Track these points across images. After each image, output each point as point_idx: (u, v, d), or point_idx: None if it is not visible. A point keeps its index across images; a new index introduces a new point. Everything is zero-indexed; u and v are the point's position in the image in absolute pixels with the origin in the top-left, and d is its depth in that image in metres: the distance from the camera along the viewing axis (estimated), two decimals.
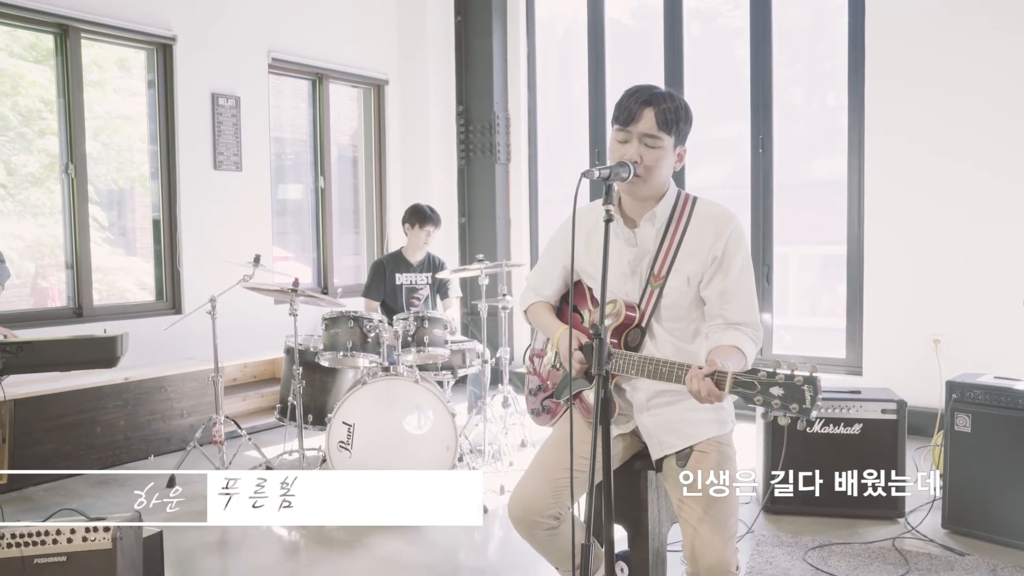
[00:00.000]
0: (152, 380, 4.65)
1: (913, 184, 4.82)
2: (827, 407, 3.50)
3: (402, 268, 4.54)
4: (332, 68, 6.16)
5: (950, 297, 4.71)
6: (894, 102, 4.85)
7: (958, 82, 4.63)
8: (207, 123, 5.32)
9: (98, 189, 4.97)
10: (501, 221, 6.62)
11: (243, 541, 3.42)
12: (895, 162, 4.88)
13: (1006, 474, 3.12)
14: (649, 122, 1.87)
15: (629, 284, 2.02)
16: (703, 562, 1.72)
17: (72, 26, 4.66)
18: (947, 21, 4.66)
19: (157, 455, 4.66)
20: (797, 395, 1.59)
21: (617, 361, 1.87)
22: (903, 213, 4.87)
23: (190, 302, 5.18)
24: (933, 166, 4.75)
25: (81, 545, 2.56)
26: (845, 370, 5.25)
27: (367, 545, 3.35)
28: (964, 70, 4.61)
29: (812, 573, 2.94)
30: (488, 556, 3.32)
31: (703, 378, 1.68)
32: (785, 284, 5.94)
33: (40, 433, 4.13)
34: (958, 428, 3.26)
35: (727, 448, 1.92)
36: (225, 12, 5.39)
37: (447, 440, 3.64)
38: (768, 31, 5.54)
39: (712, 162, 6.26)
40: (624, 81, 6.23)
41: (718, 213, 1.99)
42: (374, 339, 3.84)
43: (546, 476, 1.91)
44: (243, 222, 5.54)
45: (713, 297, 1.96)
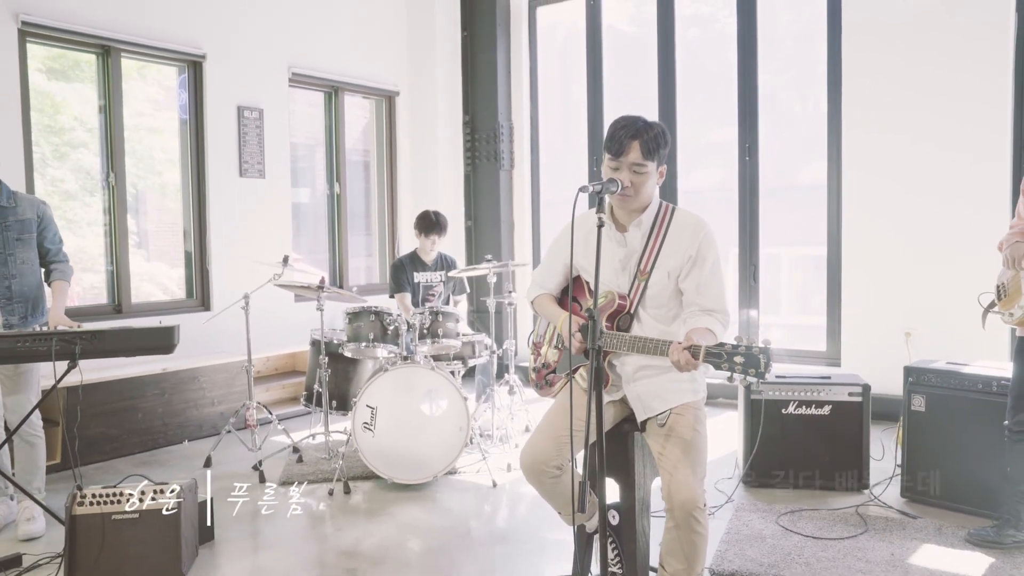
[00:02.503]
0: (187, 371, 5.07)
1: (886, 192, 5.23)
2: (800, 391, 3.92)
3: (419, 267, 4.97)
4: (347, 81, 6.58)
5: (920, 294, 5.12)
6: (870, 105, 5.24)
7: (932, 84, 5.02)
8: (233, 134, 5.74)
9: (132, 196, 5.38)
10: (505, 224, 7.04)
11: (276, 510, 3.83)
12: (870, 164, 5.28)
13: (955, 447, 3.54)
14: (636, 153, 2.28)
15: (620, 278, 2.43)
16: (678, 498, 2.13)
17: (113, 46, 5.08)
18: (917, 25, 5.07)
19: (191, 440, 5.08)
20: (754, 362, 2.01)
21: (611, 340, 2.28)
22: (877, 218, 5.28)
23: (218, 299, 5.60)
24: (906, 173, 5.17)
25: (151, 504, 2.98)
26: (825, 362, 5.67)
27: (390, 513, 3.77)
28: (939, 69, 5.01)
29: (783, 533, 3.35)
30: (496, 523, 3.72)
31: (682, 350, 2.09)
32: (777, 284, 6.32)
33: (88, 418, 4.53)
34: (914, 408, 3.68)
35: (699, 411, 2.34)
36: (250, 31, 5.81)
37: (460, 421, 4.05)
38: (753, 41, 5.94)
39: (707, 166, 6.58)
40: (622, 86, 6.67)
41: (693, 222, 2.40)
42: (393, 331, 4.26)
43: (551, 434, 2.33)
44: (265, 225, 5.96)
45: (690, 288, 2.37)
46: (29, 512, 3.49)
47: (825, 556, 3.10)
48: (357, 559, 3.23)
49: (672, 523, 2.17)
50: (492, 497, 4.00)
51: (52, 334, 3.12)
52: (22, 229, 3.50)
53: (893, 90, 5.16)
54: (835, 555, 3.11)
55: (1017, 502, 3.11)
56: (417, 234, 5.00)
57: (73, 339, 3.14)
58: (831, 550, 3.16)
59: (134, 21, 5.13)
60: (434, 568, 3.15)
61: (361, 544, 3.39)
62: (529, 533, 3.52)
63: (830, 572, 2.96)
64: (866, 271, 5.37)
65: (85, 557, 2.91)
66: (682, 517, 2.13)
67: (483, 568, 3.17)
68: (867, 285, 5.37)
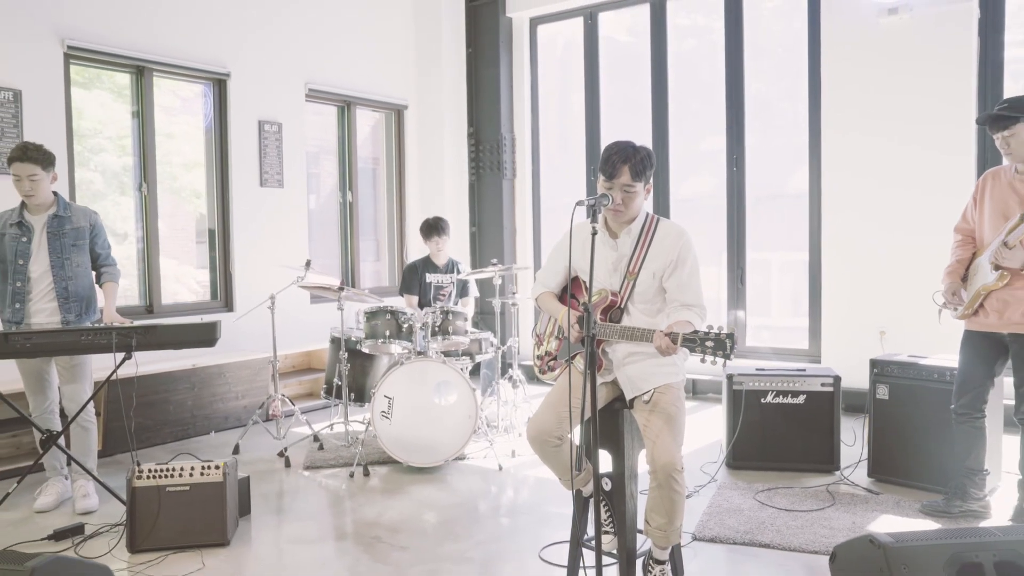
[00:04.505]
0: (214, 367, 5.47)
1: (862, 193, 5.66)
2: (777, 382, 4.33)
3: (430, 270, 5.39)
4: (358, 96, 7.00)
5: (894, 294, 5.53)
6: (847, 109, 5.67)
7: (903, 88, 5.46)
8: (254, 146, 6.16)
9: (162, 202, 5.78)
10: (507, 229, 7.46)
11: (303, 490, 4.23)
12: (848, 166, 5.70)
13: (915, 431, 3.94)
14: (626, 176, 2.69)
15: (612, 278, 2.83)
16: (659, 461, 2.52)
17: (146, 66, 5.50)
18: (887, 34, 5.50)
19: (217, 431, 5.48)
20: (721, 345, 2.41)
21: (604, 330, 2.69)
22: (855, 221, 5.70)
23: (241, 301, 6.00)
24: (883, 177, 5.59)
25: (200, 478, 3.38)
26: (808, 359, 6.08)
27: (406, 492, 4.17)
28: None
29: (759, 507, 3.75)
30: (502, 500, 4.12)
31: (663, 337, 2.50)
32: (768, 288, 6.69)
33: (126, 409, 4.93)
34: (879, 396, 4.08)
35: (679, 391, 2.74)
36: (270, 51, 6.23)
37: (469, 410, 4.46)
38: (740, 52, 6.35)
39: (701, 173, 6.93)
40: (618, 96, 7.07)
41: (675, 231, 2.81)
42: (407, 329, 4.66)
43: (553, 410, 2.73)
44: (284, 231, 6.36)
45: (672, 286, 2.77)
46: (84, 489, 3.89)
47: (795, 524, 3.50)
48: (379, 528, 3.63)
49: (655, 483, 2.57)
50: (498, 479, 4.40)
51: (111, 329, 3.53)
52: (77, 236, 3.90)
53: (868, 97, 5.58)
54: (804, 524, 3.51)
55: (963, 476, 3.52)
56: (423, 240, 5.43)
57: (130, 333, 3.55)
58: (800, 520, 3.56)
59: (165, 43, 5.55)
60: (448, 536, 3.55)
61: (382, 517, 3.79)
62: (532, 508, 3.92)
63: (798, 537, 3.36)
64: (844, 273, 5.78)
65: (144, 524, 3.31)
66: (663, 477, 2.54)
67: (491, 535, 3.57)
68: (845, 286, 5.79)
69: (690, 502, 3.74)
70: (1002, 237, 3.21)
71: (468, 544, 3.45)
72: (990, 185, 3.37)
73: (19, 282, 3.78)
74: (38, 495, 3.92)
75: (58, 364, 3.89)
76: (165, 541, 3.32)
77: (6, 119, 4.71)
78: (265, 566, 3.25)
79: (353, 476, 4.42)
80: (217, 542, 3.37)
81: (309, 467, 4.63)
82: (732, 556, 3.27)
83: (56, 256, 3.82)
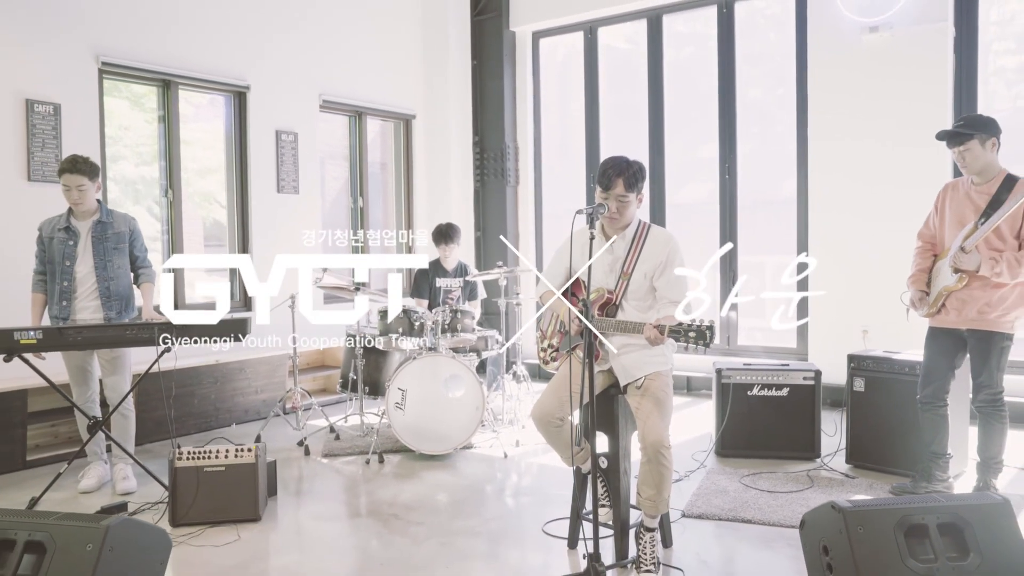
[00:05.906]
0: (235, 363, 5.81)
1: (845, 195, 6.00)
2: (763, 375, 4.67)
3: (440, 274, 5.73)
4: (369, 106, 7.36)
5: (876, 294, 5.84)
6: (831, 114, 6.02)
7: (884, 91, 5.80)
8: (271, 155, 6.51)
9: (187, 208, 6.14)
10: (511, 234, 7.80)
11: (323, 475, 4.57)
12: (833, 169, 6.05)
13: (888, 420, 4.28)
14: (620, 188, 3.04)
15: (608, 277, 3.18)
16: (649, 439, 2.86)
17: (172, 80, 5.85)
18: (869, 51, 5.85)
19: (238, 423, 5.82)
20: (703, 335, 2.76)
21: (601, 324, 3.03)
22: (839, 224, 6.05)
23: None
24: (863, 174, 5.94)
25: (234, 460, 3.72)
26: (796, 357, 6.41)
27: (419, 476, 4.51)
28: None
29: (743, 489, 4.09)
30: (507, 484, 4.46)
31: (653, 328, 2.84)
32: (763, 289, 6.98)
33: (155, 402, 5.24)
34: (856, 389, 4.42)
35: (667, 377, 3.08)
36: (287, 64, 6.59)
37: (476, 402, 4.80)
38: (732, 61, 6.68)
39: (698, 180, 7.24)
40: (618, 104, 7.41)
41: (664, 236, 3.16)
42: (419, 326, 5.00)
43: (556, 394, 3.07)
44: (300, 235, 6.69)
45: (661, 285, 3.12)
46: (123, 472, 4.24)
47: (775, 504, 3.84)
48: (396, 507, 3.97)
49: (645, 459, 2.91)
50: (504, 466, 4.74)
51: (153, 324, 3.88)
52: (117, 240, 4.25)
53: (852, 107, 5.94)
54: (783, 503, 3.85)
55: (928, 460, 3.85)
56: (434, 245, 5.78)
57: (170, 328, 3.89)
58: (780, 500, 3.90)
59: (190, 58, 5.90)
60: (459, 514, 3.89)
61: (398, 497, 4.13)
62: (534, 490, 4.27)
63: (777, 514, 3.70)
64: (829, 274, 6.11)
65: (184, 501, 3.65)
66: (653, 453, 2.88)
67: (498, 513, 3.91)
68: (830, 287, 6.11)
69: (680, 485, 4.09)
70: (959, 243, 3.55)
71: (478, 521, 3.79)
72: (949, 195, 3.72)
73: (66, 281, 4.13)
74: (81, 478, 4.26)
75: (100, 357, 4.23)
76: (203, 516, 3.66)
77: (47, 131, 5.07)
78: (295, 537, 3.60)
79: (369, 463, 4.76)
80: (250, 517, 3.71)
81: (327, 455, 4.97)
82: (718, 531, 3.61)
83: (99, 258, 4.16)
